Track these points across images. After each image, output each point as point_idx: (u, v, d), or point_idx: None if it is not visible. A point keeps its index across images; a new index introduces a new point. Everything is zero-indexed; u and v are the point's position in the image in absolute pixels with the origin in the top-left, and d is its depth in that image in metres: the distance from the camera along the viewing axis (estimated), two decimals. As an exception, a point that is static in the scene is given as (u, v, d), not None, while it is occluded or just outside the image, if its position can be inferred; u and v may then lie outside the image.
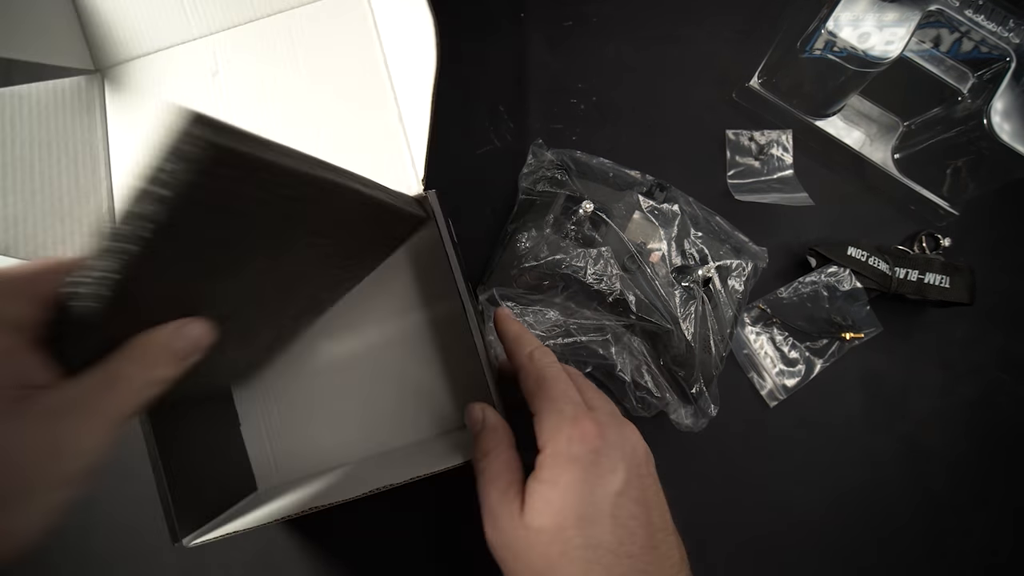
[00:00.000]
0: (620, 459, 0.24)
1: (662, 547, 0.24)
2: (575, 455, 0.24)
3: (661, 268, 0.39)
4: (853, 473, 0.42)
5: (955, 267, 0.42)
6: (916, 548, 0.41)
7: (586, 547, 0.23)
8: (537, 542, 0.23)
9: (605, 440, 0.24)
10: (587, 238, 0.40)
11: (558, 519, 0.23)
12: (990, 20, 0.39)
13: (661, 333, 0.38)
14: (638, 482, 0.24)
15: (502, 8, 0.49)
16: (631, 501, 0.24)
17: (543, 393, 0.26)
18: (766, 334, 0.43)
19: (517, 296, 0.40)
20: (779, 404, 0.42)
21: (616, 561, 0.23)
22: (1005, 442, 0.43)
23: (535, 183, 0.43)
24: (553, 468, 0.24)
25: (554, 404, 0.25)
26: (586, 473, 0.23)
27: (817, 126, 0.46)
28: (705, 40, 0.48)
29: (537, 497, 0.24)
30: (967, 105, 0.41)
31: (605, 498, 0.23)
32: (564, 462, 0.24)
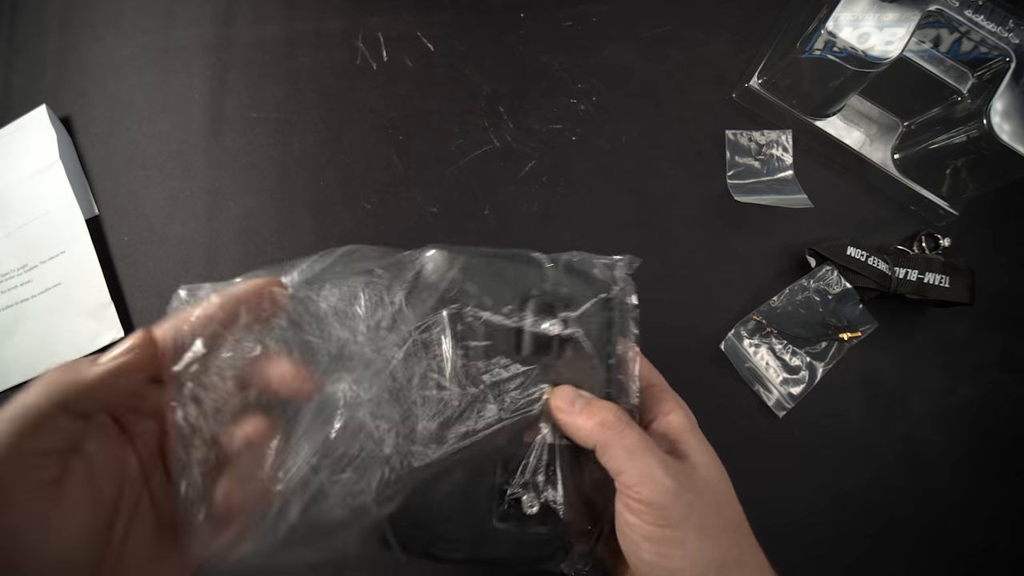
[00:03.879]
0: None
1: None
2: (694, 419, 0.29)
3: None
4: (853, 473, 0.42)
5: (955, 267, 0.42)
6: (916, 547, 0.41)
7: (732, 488, 0.27)
8: (715, 479, 0.26)
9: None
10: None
11: (718, 462, 0.27)
12: (990, 20, 0.39)
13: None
14: None
15: (502, 8, 0.49)
16: None
17: (654, 372, 0.30)
18: (765, 344, 0.43)
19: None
20: (787, 413, 0.42)
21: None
22: (1005, 442, 0.43)
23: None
24: (696, 429, 0.28)
25: (665, 381, 0.30)
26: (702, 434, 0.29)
27: (817, 126, 0.46)
28: (705, 40, 0.48)
29: (697, 445, 0.27)
30: (967, 105, 0.41)
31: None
32: (694, 424, 0.28)
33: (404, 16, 0.50)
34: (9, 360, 0.44)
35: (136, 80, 0.49)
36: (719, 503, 0.26)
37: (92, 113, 0.49)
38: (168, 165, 0.47)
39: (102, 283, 0.44)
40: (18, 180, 0.47)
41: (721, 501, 0.26)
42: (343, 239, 0.45)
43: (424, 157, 0.47)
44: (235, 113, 0.48)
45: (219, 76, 0.49)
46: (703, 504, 0.25)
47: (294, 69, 0.49)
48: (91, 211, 0.46)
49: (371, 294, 0.27)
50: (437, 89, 0.48)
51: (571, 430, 0.26)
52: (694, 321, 0.44)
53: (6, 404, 0.20)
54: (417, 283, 0.27)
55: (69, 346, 0.44)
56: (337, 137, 0.47)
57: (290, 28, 0.50)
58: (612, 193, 0.46)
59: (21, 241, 0.46)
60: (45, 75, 0.50)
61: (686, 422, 0.28)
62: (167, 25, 0.50)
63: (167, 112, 0.48)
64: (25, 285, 0.45)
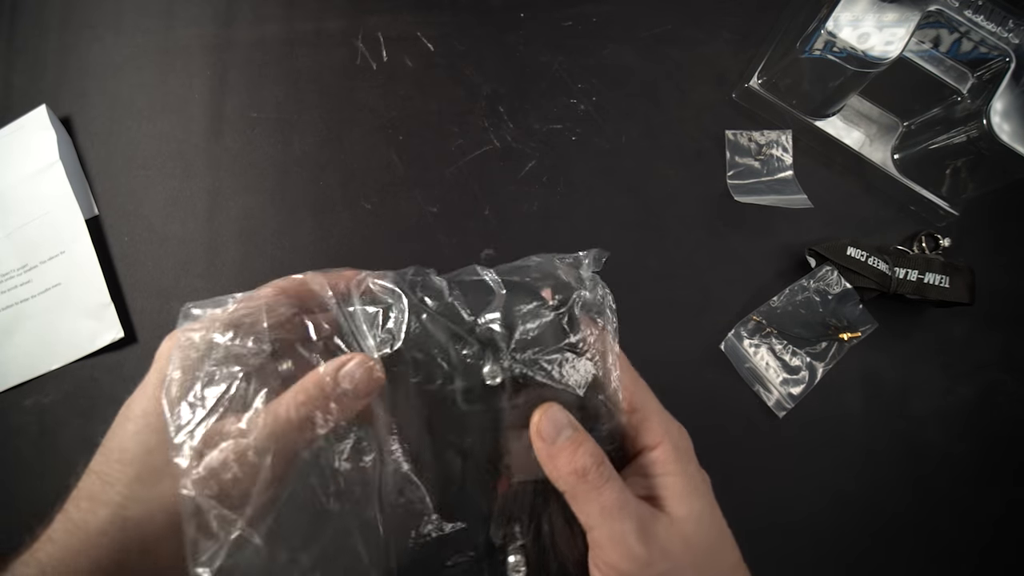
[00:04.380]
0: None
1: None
2: (687, 447, 0.25)
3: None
4: (853, 472, 0.42)
5: (955, 267, 0.42)
6: (916, 547, 0.41)
7: (724, 529, 0.25)
8: (697, 533, 0.23)
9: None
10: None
11: (706, 504, 0.24)
12: (990, 20, 0.39)
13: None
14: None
15: (502, 8, 0.49)
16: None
17: (643, 386, 0.26)
18: (765, 345, 0.43)
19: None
20: (787, 413, 0.42)
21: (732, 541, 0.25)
22: (1005, 442, 0.43)
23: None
24: (686, 461, 0.25)
25: (655, 403, 0.26)
26: (698, 463, 0.25)
27: (817, 126, 0.46)
28: (705, 40, 0.48)
29: (682, 488, 0.24)
30: (967, 105, 0.41)
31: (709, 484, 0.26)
32: (687, 454, 0.25)
33: (404, 16, 0.50)
34: (9, 360, 0.44)
35: (136, 80, 0.49)
36: (700, 567, 0.23)
37: (92, 113, 0.49)
38: (168, 165, 0.47)
39: (102, 283, 0.44)
40: (18, 180, 0.47)
41: (704, 564, 0.23)
42: (343, 239, 0.45)
43: (424, 157, 0.47)
44: (235, 113, 0.48)
45: (219, 76, 0.49)
46: (679, 573, 0.22)
47: (294, 69, 0.49)
48: (91, 211, 0.46)
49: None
50: (437, 89, 0.48)
51: (546, 466, 0.24)
52: (694, 321, 0.44)
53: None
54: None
55: (69, 346, 0.44)
56: (337, 137, 0.47)
57: (290, 28, 0.50)
58: (612, 193, 0.46)
59: (21, 241, 0.46)
60: (45, 75, 0.50)
61: (673, 458, 0.24)
62: (167, 25, 0.50)
63: (167, 112, 0.48)
64: (25, 285, 0.45)
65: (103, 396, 0.43)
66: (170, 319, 0.44)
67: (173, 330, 0.25)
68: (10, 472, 0.43)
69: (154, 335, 0.44)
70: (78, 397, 0.43)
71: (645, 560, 0.22)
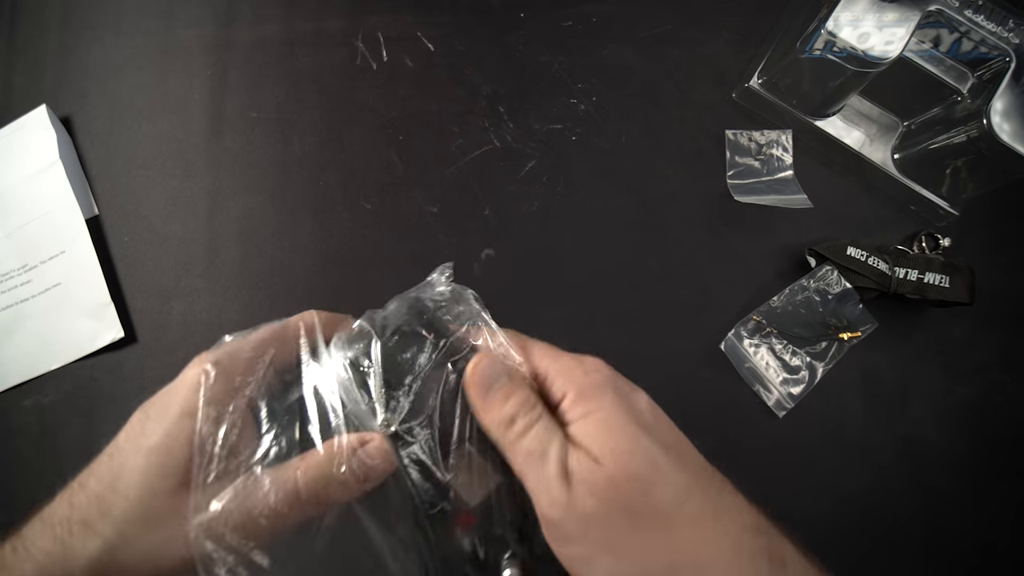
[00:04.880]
0: (628, 381, 0.24)
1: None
2: (599, 382, 0.23)
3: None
4: (853, 473, 0.42)
5: (955, 267, 0.42)
6: (916, 546, 0.41)
7: (664, 450, 0.22)
8: (618, 469, 0.21)
9: (611, 369, 0.24)
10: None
11: (624, 437, 0.22)
12: (990, 20, 0.39)
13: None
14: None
15: (502, 8, 0.49)
16: (660, 410, 0.24)
17: (539, 351, 0.25)
18: (765, 344, 0.43)
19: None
20: (787, 413, 0.42)
21: (689, 452, 0.23)
22: (1005, 442, 0.42)
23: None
24: (590, 400, 0.23)
25: (556, 354, 0.25)
26: (616, 393, 0.23)
27: (817, 126, 0.46)
28: (705, 40, 0.48)
29: (594, 428, 0.22)
30: (967, 105, 0.41)
31: (646, 408, 0.23)
32: (593, 391, 0.23)
33: (404, 16, 0.50)
34: (9, 360, 0.44)
35: (136, 80, 0.49)
36: (631, 504, 0.21)
37: (92, 113, 0.49)
38: (168, 165, 0.47)
39: (102, 283, 0.44)
40: (18, 180, 0.47)
41: (636, 501, 0.21)
42: (343, 239, 0.45)
43: (424, 157, 0.47)
44: (235, 113, 0.48)
45: (219, 76, 0.49)
46: (606, 518, 0.21)
47: (294, 69, 0.49)
48: (91, 211, 0.46)
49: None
50: (437, 89, 0.48)
51: (480, 418, 0.24)
52: (694, 321, 0.44)
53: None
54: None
55: (69, 346, 0.44)
56: (337, 137, 0.47)
57: (290, 28, 0.50)
58: (612, 193, 0.46)
59: (21, 241, 0.46)
60: (45, 75, 0.50)
61: (578, 402, 0.23)
62: (167, 26, 0.50)
63: (167, 112, 0.48)
64: (25, 285, 0.45)
65: (103, 396, 0.43)
66: (170, 319, 0.44)
67: (201, 353, 0.26)
68: (10, 472, 0.43)
69: (154, 335, 0.44)
70: (78, 397, 0.43)
71: (566, 503, 0.21)
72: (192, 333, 0.44)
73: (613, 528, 0.21)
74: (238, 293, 0.45)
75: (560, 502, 0.21)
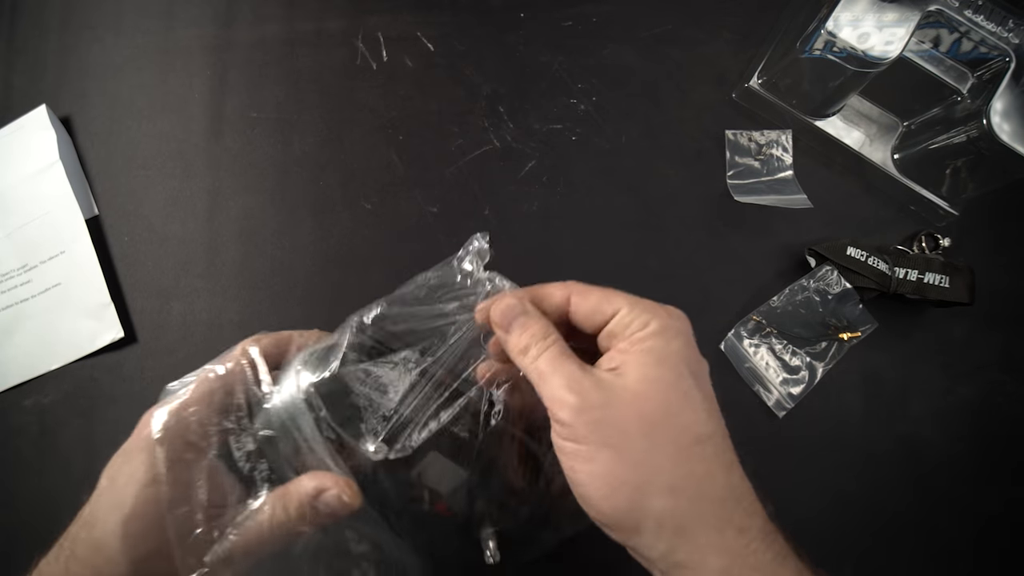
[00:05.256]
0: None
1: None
2: (680, 329, 0.26)
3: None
4: (853, 472, 0.42)
5: (955, 267, 0.42)
6: (916, 547, 0.41)
7: (705, 395, 0.24)
8: (653, 391, 0.23)
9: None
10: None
11: (667, 370, 0.24)
12: (990, 20, 0.39)
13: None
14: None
15: (502, 8, 0.49)
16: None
17: (601, 293, 0.26)
18: (765, 345, 0.43)
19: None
20: (787, 413, 0.42)
21: (720, 419, 0.25)
22: (1004, 441, 0.43)
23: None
24: (661, 335, 0.25)
25: (629, 297, 0.26)
26: (690, 341, 0.26)
27: (817, 126, 0.46)
28: (705, 40, 0.48)
29: (640, 359, 0.24)
30: (967, 105, 0.41)
31: (704, 367, 0.26)
32: (671, 330, 0.25)
33: (404, 16, 0.50)
34: (9, 360, 0.44)
35: (136, 80, 0.49)
36: (649, 420, 0.23)
37: (92, 113, 0.49)
38: (168, 165, 0.47)
39: (102, 283, 0.44)
40: (18, 180, 0.47)
41: (657, 421, 0.23)
42: (343, 239, 0.45)
43: (424, 157, 0.47)
44: (235, 113, 0.48)
45: (219, 76, 0.49)
46: (614, 421, 0.23)
47: (294, 69, 0.49)
48: (91, 211, 0.46)
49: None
50: (437, 89, 0.48)
51: (507, 350, 0.26)
52: (694, 321, 0.43)
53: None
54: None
55: (69, 346, 0.44)
56: (337, 137, 0.47)
57: (290, 28, 0.50)
58: (612, 193, 0.46)
59: (21, 241, 0.46)
60: (45, 75, 0.50)
61: (637, 329, 0.25)
62: (167, 26, 0.50)
63: (167, 112, 0.48)
64: (25, 285, 0.45)
65: (103, 396, 0.43)
66: (170, 319, 0.44)
67: (150, 410, 0.27)
68: (10, 472, 0.43)
69: (154, 335, 0.44)
70: (78, 397, 0.43)
71: (576, 406, 0.23)
72: (192, 333, 0.44)
73: (621, 433, 0.23)
74: (238, 293, 0.45)
75: (572, 406, 0.23)
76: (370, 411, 0.26)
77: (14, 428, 0.43)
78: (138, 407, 0.27)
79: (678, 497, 0.22)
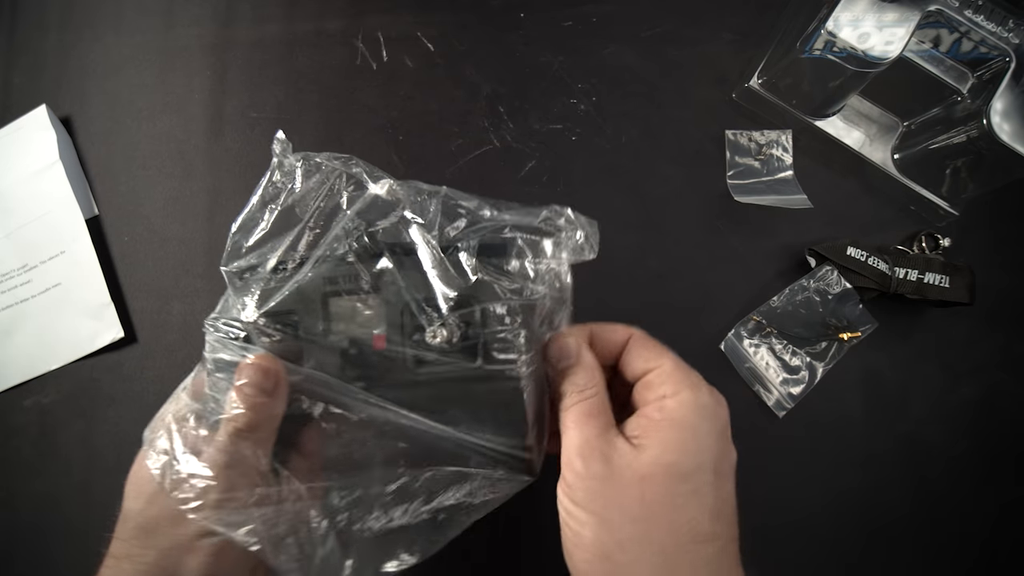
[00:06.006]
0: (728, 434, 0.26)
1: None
2: (716, 414, 0.25)
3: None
4: (853, 473, 0.42)
5: (955, 267, 0.42)
6: (916, 547, 0.41)
7: (720, 493, 0.24)
8: (661, 477, 0.23)
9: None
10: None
11: (695, 460, 0.23)
12: (990, 20, 0.39)
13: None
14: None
15: (502, 8, 0.49)
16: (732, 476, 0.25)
17: (655, 347, 0.27)
18: (765, 345, 0.43)
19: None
20: (787, 413, 0.42)
21: (732, 523, 0.24)
22: (1005, 441, 0.43)
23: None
24: (692, 413, 0.24)
25: (678, 360, 0.26)
26: (723, 432, 0.25)
27: (817, 126, 0.46)
28: (705, 40, 0.48)
29: (677, 431, 0.24)
30: (967, 105, 0.41)
31: (731, 462, 0.25)
32: (705, 412, 0.25)
33: (404, 16, 0.49)
34: (9, 360, 0.44)
35: (136, 80, 0.49)
36: (648, 507, 0.22)
37: (92, 113, 0.49)
38: (168, 165, 0.47)
39: (102, 283, 0.44)
40: (18, 180, 0.47)
41: (653, 508, 0.22)
42: (343, 239, 0.45)
43: (424, 157, 0.47)
44: (235, 113, 0.48)
45: (219, 76, 0.49)
46: (613, 497, 0.23)
47: (294, 69, 0.49)
48: (91, 211, 0.46)
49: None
50: (437, 89, 0.48)
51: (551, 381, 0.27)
52: (694, 321, 0.44)
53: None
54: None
55: (69, 346, 0.44)
56: (337, 137, 0.47)
57: (290, 28, 0.50)
58: (612, 193, 0.46)
59: (21, 241, 0.46)
60: (45, 75, 0.50)
61: (665, 394, 0.25)
62: (167, 25, 0.50)
63: (167, 112, 0.48)
64: (25, 285, 0.45)
65: (103, 396, 0.43)
66: (170, 319, 0.44)
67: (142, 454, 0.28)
68: (10, 472, 0.43)
69: (154, 335, 0.44)
70: (78, 397, 0.43)
71: (581, 472, 0.23)
72: (192, 333, 0.44)
73: (616, 508, 0.23)
74: (238, 293, 0.45)
75: (578, 471, 0.23)
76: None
77: (14, 428, 0.43)
78: (138, 407, 0.28)
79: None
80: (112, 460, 0.42)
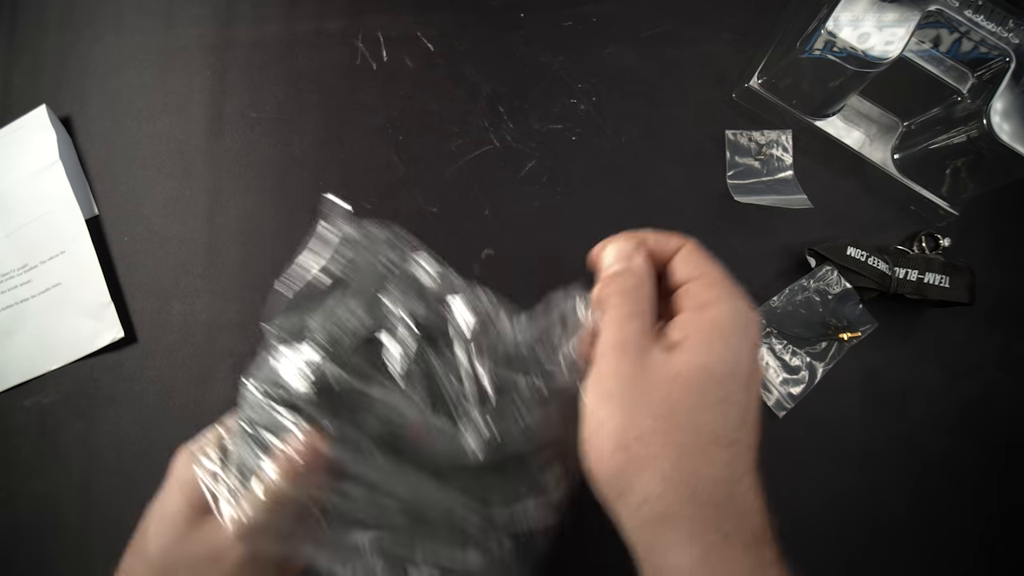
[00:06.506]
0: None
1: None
2: (749, 323, 0.24)
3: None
4: (853, 473, 0.42)
5: (955, 267, 0.42)
6: (916, 547, 0.41)
7: (746, 404, 0.23)
8: (694, 378, 0.23)
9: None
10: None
11: (729, 368, 0.23)
12: (990, 20, 0.39)
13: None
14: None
15: (502, 8, 0.49)
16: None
17: (705, 257, 0.27)
18: (765, 344, 0.43)
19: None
20: (787, 413, 0.42)
21: (752, 431, 0.24)
22: (1004, 442, 0.43)
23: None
24: (731, 322, 0.24)
25: (723, 272, 0.26)
26: (755, 349, 0.25)
27: (817, 126, 0.46)
28: (705, 40, 0.48)
29: (714, 337, 0.24)
30: (967, 105, 0.41)
31: (758, 380, 0.25)
32: (743, 324, 0.24)
33: (404, 16, 0.50)
34: (9, 360, 0.44)
35: (136, 80, 0.49)
36: (673, 406, 0.23)
37: (92, 113, 0.49)
38: (168, 165, 0.47)
39: (102, 283, 0.44)
40: (18, 180, 0.47)
41: (679, 407, 0.23)
42: (343, 239, 0.45)
43: (424, 157, 0.47)
44: (235, 113, 0.48)
45: (219, 76, 0.49)
46: (643, 392, 0.23)
47: (294, 69, 0.49)
48: (91, 211, 0.46)
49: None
50: (437, 89, 0.48)
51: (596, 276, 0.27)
52: (694, 321, 0.44)
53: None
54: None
55: (69, 346, 0.44)
56: (337, 137, 0.47)
57: (290, 28, 0.50)
58: (612, 193, 0.46)
59: (21, 241, 0.46)
60: (45, 75, 0.50)
61: (711, 314, 0.24)
62: (167, 25, 0.50)
63: (167, 112, 0.48)
64: (25, 285, 0.45)
65: (103, 396, 0.43)
66: (170, 319, 0.44)
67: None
68: (10, 472, 0.43)
69: (154, 335, 0.44)
70: (78, 397, 0.44)
71: (615, 363, 0.24)
72: (192, 333, 0.44)
73: (647, 405, 0.23)
74: (238, 293, 0.45)
75: (610, 363, 0.24)
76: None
77: (14, 428, 0.43)
78: (138, 407, 0.28)
79: (670, 487, 0.22)
80: (112, 460, 0.43)
